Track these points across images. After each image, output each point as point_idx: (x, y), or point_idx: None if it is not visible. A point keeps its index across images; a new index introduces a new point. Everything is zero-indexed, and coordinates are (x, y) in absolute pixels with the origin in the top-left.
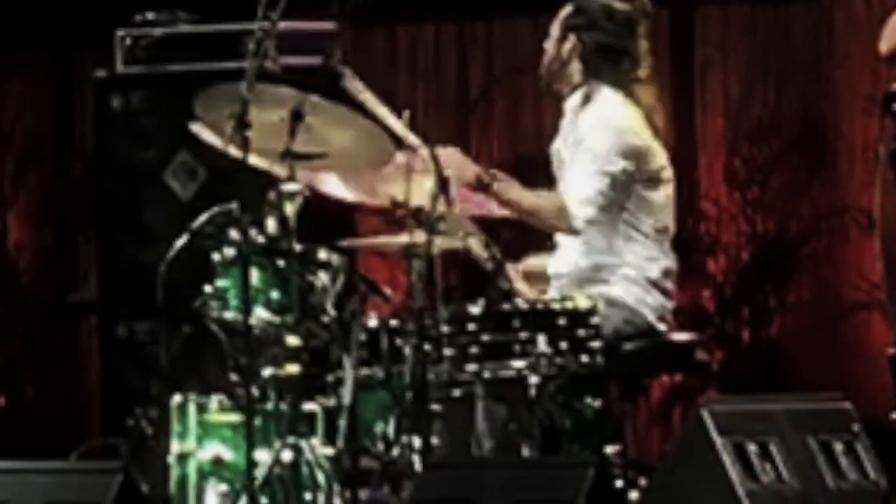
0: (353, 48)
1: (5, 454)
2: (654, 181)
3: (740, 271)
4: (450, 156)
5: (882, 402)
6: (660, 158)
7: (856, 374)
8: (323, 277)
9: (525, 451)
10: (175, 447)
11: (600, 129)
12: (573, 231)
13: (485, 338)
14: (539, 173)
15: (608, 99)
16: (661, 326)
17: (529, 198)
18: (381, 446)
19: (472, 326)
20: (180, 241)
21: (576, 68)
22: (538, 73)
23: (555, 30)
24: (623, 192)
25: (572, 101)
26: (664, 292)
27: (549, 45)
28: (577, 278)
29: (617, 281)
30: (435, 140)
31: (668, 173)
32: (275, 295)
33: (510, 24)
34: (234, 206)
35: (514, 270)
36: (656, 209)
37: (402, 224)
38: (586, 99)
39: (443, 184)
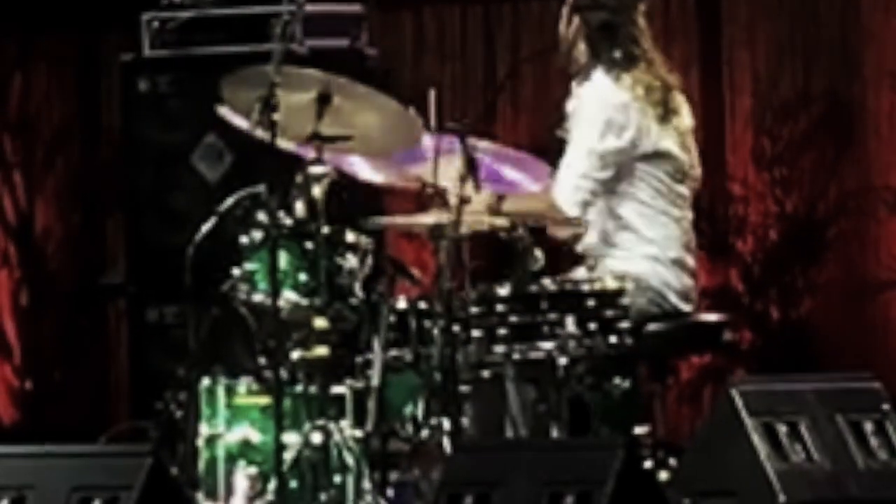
0: (380, 30)
1: (34, 438)
2: (657, 158)
3: (768, 251)
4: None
5: None
6: (658, 140)
7: (885, 353)
8: (351, 259)
9: (554, 433)
10: (204, 430)
11: (593, 108)
12: (571, 219)
13: (513, 319)
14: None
15: (598, 79)
16: (686, 307)
17: (524, 202)
18: (410, 428)
19: (500, 308)
20: (208, 224)
21: (582, 49)
22: (556, 56)
23: (564, 12)
24: (617, 168)
25: (576, 84)
26: (687, 271)
27: (562, 28)
28: (620, 257)
29: (639, 260)
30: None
31: (669, 151)
32: (303, 277)
33: (537, 4)
34: (261, 188)
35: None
36: (663, 182)
37: (430, 205)
38: (583, 79)
39: (470, 165)
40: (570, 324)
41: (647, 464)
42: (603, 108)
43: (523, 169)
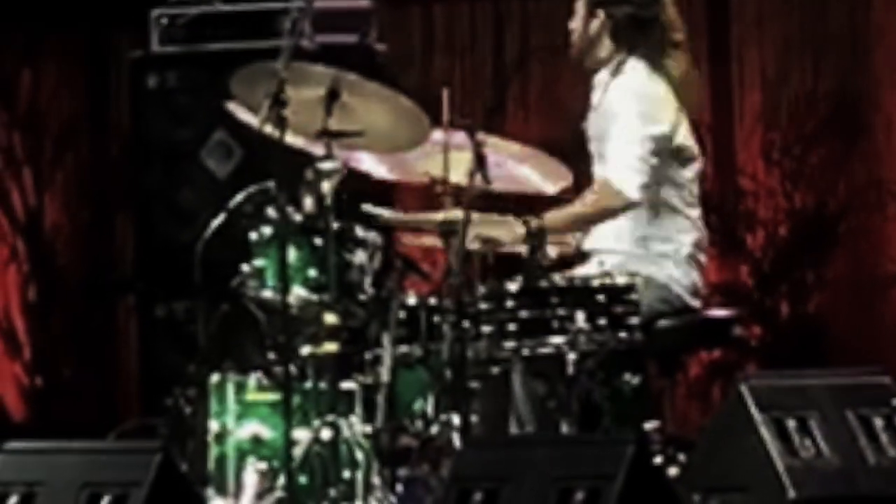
0: (389, 26)
1: (44, 434)
2: (680, 156)
3: (778, 247)
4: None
5: None
6: (684, 137)
7: (895, 348)
8: (360, 255)
9: (564, 428)
10: (213, 426)
11: (631, 98)
12: (628, 202)
13: (523, 314)
14: (576, 150)
15: (636, 69)
16: (695, 302)
17: (565, 211)
18: (419, 424)
19: (510, 303)
20: (217, 221)
21: (605, 44)
22: (569, 52)
23: (580, 7)
24: (661, 158)
25: (602, 76)
26: (697, 267)
27: (576, 24)
28: (631, 254)
29: (652, 258)
30: (472, 117)
31: (693, 151)
32: (312, 273)
33: (546, 0)
34: (270, 184)
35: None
36: (686, 184)
37: (440, 201)
38: (615, 71)
39: (480, 161)
40: (580, 319)
41: (657, 459)
42: (639, 99)
43: (533, 165)
